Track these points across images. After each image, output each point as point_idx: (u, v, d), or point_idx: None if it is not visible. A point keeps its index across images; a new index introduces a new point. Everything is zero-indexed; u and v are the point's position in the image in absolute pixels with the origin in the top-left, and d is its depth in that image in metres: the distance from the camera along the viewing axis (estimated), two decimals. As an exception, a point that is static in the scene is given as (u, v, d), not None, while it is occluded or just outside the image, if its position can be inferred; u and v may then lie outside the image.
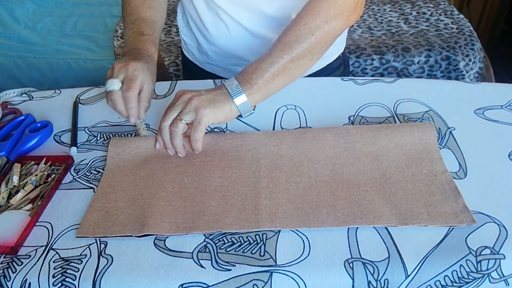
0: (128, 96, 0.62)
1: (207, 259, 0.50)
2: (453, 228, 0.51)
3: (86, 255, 0.51)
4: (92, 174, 0.63)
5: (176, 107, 0.60)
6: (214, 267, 0.49)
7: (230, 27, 0.78)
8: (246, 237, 0.52)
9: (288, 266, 0.48)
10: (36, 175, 0.61)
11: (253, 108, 0.63)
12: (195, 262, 0.49)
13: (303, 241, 0.51)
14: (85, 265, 0.49)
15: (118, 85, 0.62)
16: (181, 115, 0.59)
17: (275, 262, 0.49)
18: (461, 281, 0.47)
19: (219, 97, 0.61)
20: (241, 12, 0.75)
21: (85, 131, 0.71)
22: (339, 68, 0.91)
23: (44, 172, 0.62)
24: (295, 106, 0.73)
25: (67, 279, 0.48)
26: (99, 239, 0.53)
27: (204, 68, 0.91)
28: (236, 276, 0.48)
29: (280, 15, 0.74)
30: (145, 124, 0.71)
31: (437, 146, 0.62)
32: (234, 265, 0.49)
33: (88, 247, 0.52)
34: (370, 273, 0.47)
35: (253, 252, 0.50)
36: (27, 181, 0.60)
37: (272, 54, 0.62)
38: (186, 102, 0.60)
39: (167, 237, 0.52)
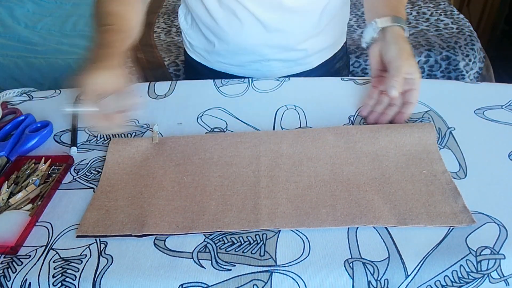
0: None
1: (207, 259, 0.50)
2: (453, 228, 0.51)
3: (86, 255, 0.51)
4: (92, 174, 0.63)
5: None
6: (214, 267, 0.49)
7: (244, 22, 0.77)
8: (246, 237, 0.52)
9: (288, 266, 0.48)
10: (37, 175, 0.61)
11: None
12: (195, 262, 0.49)
13: (303, 241, 0.51)
14: (85, 265, 0.49)
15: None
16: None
17: (275, 262, 0.49)
18: (461, 281, 0.47)
19: (407, 46, 0.65)
20: (257, 5, 0.74)
21: (85, 131, 0.71)
22: (343, 58, 0.95)
23: (44, 172, 0.62)
24: (295, 106, 0.73)
25: (67, 279, 0.48)
26: (99, 239, 0.53)
27: (214, 68, 0.90)
28: (236, 276, 0.48)
29: (297, 6, 0.75)
30: (145, 124, 0.71)
31: (437, 146, 0.62)
32: (234, 265, 0.49)
33: (88, 247, 0.52)
34: (370, 273, 0.47)
35: (253, 252, 0.50)
36: (29, 181, 0.60)
37: None
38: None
39: (167, 237, 0.52)
